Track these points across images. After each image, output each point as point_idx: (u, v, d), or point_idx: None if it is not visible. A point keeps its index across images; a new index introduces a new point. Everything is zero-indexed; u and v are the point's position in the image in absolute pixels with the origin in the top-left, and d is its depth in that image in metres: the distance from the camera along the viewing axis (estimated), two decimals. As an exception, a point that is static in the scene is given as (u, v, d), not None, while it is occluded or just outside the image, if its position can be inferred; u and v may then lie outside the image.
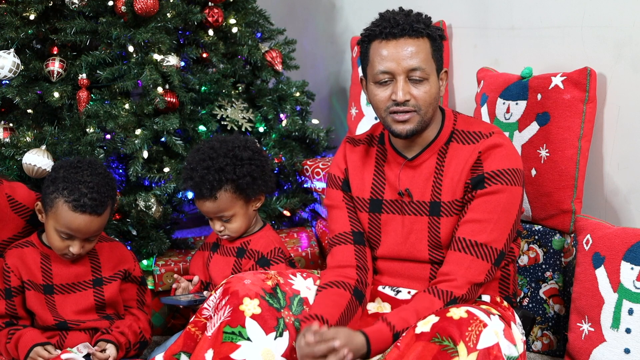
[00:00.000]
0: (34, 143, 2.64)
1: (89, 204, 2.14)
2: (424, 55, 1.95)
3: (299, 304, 2.01)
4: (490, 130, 2.02)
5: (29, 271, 2.24)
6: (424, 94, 1.95)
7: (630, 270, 2.06)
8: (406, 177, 2.06)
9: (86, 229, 2.17)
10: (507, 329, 1.82)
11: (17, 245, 2.28)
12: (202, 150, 2.36)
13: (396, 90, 1.94)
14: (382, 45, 1.95)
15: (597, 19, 2.41)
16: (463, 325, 1.74)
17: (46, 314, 2.23)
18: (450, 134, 2.04)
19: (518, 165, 1.99)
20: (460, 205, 2.00)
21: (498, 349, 1.75)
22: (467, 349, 1.72)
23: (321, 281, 2.06)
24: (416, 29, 1.94)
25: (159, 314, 2.67)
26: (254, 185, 2.34)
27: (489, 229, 1.94)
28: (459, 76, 3.02)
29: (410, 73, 1.94)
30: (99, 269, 2.30)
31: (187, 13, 2.81)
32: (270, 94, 3.05)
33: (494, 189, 1.95)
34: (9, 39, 2.68)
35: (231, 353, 1.90)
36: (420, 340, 1.76)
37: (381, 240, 2.10)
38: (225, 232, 2.39)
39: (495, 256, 1.95)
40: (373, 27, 1.98)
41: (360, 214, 2.12)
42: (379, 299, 2.09)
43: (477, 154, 1.98)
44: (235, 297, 1.95)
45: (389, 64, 1.94)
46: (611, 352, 2.08)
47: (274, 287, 2.00)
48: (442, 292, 1.91)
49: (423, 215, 2.03)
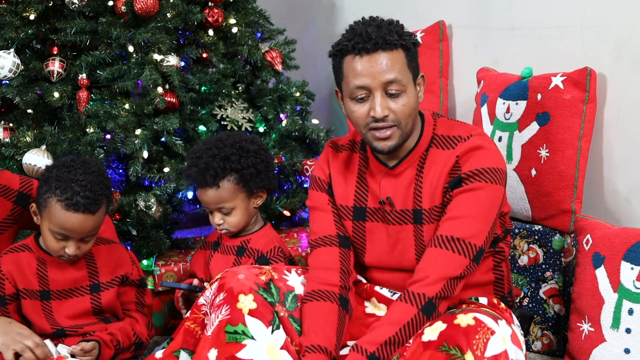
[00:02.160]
0: (34, 143, 2.64)
1: (82, 202, 2.10)
2: (399, 67, 1.89)
3: (293, 300, 2.02)
4: (469, 132, 1.97)
5: (24, 278, 2.21)
6: (402, 106, 1.90)
7: (630, 270, 2.06)
8: (388, 186, 2.03)
9: (80, 229, 2.13)
10: (514, 334, 1.80)
11: (13, 249, 2.24)
12: (208, 141, 2.38)
13: (374, 106, 1.89)
14: (355, 61, 1.89)
15: (597, 19, 2.41)
16: (470, 334, 1.72)
17: (43, 322, 2.21)
18: (430, 139, 2.01)
19: (498, 165, 1.95)
20: (440, 210, 1.97)
21: (506, 356, 1.73)
22: (474, 357, 1.70)
23: (306, 287, 2.04)
24: (389, 42, 1.87)
25: (159, 314, 2.67)
26: (257, 178, 2.34)
27: (467, 225, 1.90)
28: (459, 76, 3.02)
29: (387, 87, 1.88)
30: (96, 274, 2.27)
31: (187, 13, 2.81)
32: (270, 94, 3.06)
33: (472, 187, 1.92)
34: (9, 39, 2.68)
35: (237, 352, 1.90)
36: (428, 349, 1.74)
37: (366, 248, 2.09)
38: (224, 226, 2.39)
39: (474, 252, 1.90)
40: (345, 41, 1.91)
41: (345, 221, 2.10)
42: (375, 299, 2.09)
43: (455, 159, 1.95)
44: (231, 295, 1.95)
45: (364, 79, 1.88)
46: (611, 352, 2.08)
47: (268, 282, 2.00)
48: (414, 296, 1.87)
49: (408, 224, 2.01)
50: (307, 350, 1.92)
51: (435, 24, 3.01)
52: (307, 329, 1.96)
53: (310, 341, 1.92)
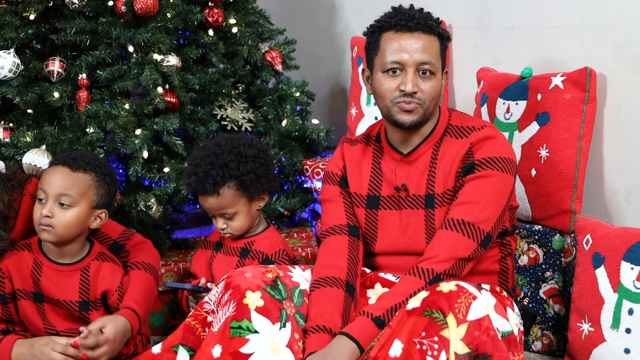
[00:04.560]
0: (34, 143, 2.64)
1: (65, 159, 2.13)
2: (434, 52, 2.01)
3: (300, 296, 2.03)
4: (483, 124, 2.07)
5: (21, 278, 2.19)
6: (430, 88, 2.01)
7: (630, 270, 2.06)
8: (402, 173, 2.09)
9: (56, 181, 2.10)
10: (499, 305, 1.85)
11: (18, 247, 2.22)
12: (207, 147, 2.36)
13: (405, 81, 1.99)
14: (395, 37, 2.00)
15: (597, 19, 2.41)
16: (452, 298, 1.77)
17: (38, 323, 2.19)
18: (444, 129, 2.09)
19: (509, 155, 2.03)
20: (452, 194, 2.04)
21: (489, 321, 1.77)
22: (456, 320, 1.74)
23: (314, 274, 2.07)
24: (430, 26, 2.01)
25: (159, 313, 2.67)
26: (257, 183, 2.34)
27: (477, 210, 1.97)
28: (459, 76, 3.02)
29: (420, 66, 1.99)
30: (87, 292, 2.20)
31: (187, 13, 2.81)
32: (270, 94, 3.05)
33: (484, 174, 2.00)
34: (9, 39, 2.68)
35: (240, 347, 1.91)
36: (412, 316, 1.79)
37: (378, 236, 2.12)
38: (227, 230, 2.39)
39: (482, 237, 1.97)
40: (387, 18, 2.04)
41: (357, 209, 2.15)
42: (379, 284, 2.11)
43: (469, 145, 2.03)
44: (238, 292, 1.96)
45: (402, 55, 1.99)
46: (611, 352, 2.08)
47: (275, 280, 2.01)
48: (423, 271, 1.93)
49: (419, 208, 2.07)
50: (310, 330, 1.94)
51: (436, 24, 3.01)
52: (313, 315, 1.98)
53: (316, 322, 1.95)
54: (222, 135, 2.44)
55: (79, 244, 2.21)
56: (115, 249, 2.32)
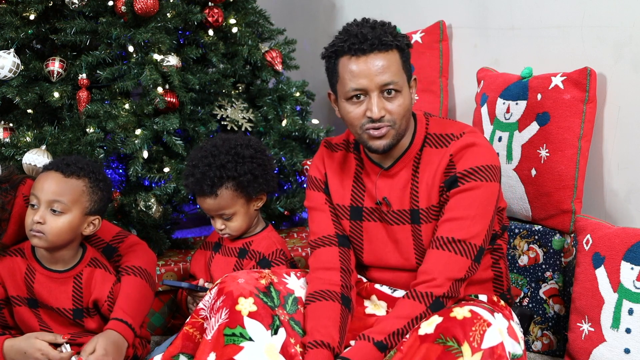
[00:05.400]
0: (34, 143, 2.64)
1: (58, 164, 2.11)
2: (395, 69, 1.90)
3: (294, 303, 2.02)
4: (462, 130, 1.98)
5: (15, 284, 2.16)
6: (398, 107, 1.91)
7: (630, 270, 2.06)
8: (384, 186, 2.04)
9: (48, 187, 2.07)
10: (511, 327, 1.83)
11: (10, 252, 2.19)
12: (204, 148, 2.36)
13: (371, 107, 1.89)
14: (351, 62, 1.90)
15: (597, 19, 2.41)
16: (467, 325, 1.74)
17: (35, 328, 2.17)
18: (423, 139, 2.02)
19: (492, 162, 1.95)
20: (437, 209, 1.98)
21: (502, 348, 1.75)
22: (471, 349, 1.72)
23: (308, 289, 2.05)
24: (385, 42, 1.88)
25: (159, 313, 2.67)
26: (254, 184, 2.34)
27: (467, 226, 1.91)
28: (459, 76, 3.02)
29: (383, 88, 1.89)
30: (80, 298, 2.18)
31: (187, 13, 2.81)
32: (270, 94, 3.05)
33: (468, 187, 1.92)
34: (9, 39, 2.68)
35: (235, 355, 1.90)
36: (425, 342, 1.76)
37: (364, 247, 2.09)
38: (226, 231, 2.39)
39: (474, 252, 1.92)
40: (339, 42, 1.92)
41: (342, 221, 2.11)
42: (375, 296, 2.09)
43: (449, 157, 1.95)
44: (230, 298, 1.95)
45: (361, 80, 1.89)
46: (611, 352, 2.08)
47: (268, 286, 1.99)
48: (422, 295, 1.89)
49: (405, 224, 2.02)
50: (309, 346, 1.92)
51: (435, 24, 3.01)
52: (310, 329, 1.96)
53: (313, 338, 1.93)
54: (220, 135, 2.44)
55: (72, 250, 2.19)
56: (108, 251, 2.30)
